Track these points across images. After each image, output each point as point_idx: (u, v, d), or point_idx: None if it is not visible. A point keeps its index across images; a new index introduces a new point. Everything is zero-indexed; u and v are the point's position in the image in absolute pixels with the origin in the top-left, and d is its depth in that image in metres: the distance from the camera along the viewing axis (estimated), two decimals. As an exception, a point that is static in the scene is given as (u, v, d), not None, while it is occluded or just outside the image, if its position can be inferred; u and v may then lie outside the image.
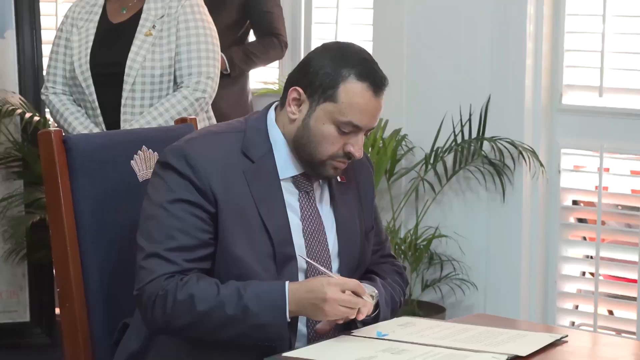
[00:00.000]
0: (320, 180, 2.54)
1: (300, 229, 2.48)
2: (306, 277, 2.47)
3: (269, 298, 2.32)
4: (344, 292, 2.30)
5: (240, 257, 2.39)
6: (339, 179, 2.58)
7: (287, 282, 2.34)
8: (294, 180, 2.50)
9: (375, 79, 2.42)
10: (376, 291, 2.51)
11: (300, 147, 2.45)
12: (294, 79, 2.48)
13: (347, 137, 2.43)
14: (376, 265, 2.68)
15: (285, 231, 2.44)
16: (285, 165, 2.48)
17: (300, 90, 2.45)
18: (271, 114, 2.51)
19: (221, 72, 4.52)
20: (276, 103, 2.53)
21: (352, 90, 2.41)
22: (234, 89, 4.66)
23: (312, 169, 2.47)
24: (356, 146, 2.43)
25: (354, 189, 2.61)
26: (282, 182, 2.48)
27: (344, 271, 2.54)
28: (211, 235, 2.39)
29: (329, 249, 2.51)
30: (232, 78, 4.64)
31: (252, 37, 4.82)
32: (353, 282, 2.34)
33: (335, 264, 2.54)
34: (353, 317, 2.33)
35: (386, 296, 2.57)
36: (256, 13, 4.69)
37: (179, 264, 2.34)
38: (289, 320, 2.32)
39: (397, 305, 2.63)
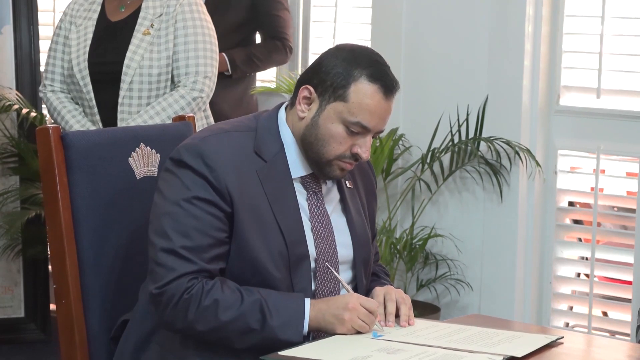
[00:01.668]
0: (329, 183, 2.56)
1: (310, 229, 2.49)
2: (315, 277, 2.48)
3: (288, 313, 2.35)
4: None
5: (255, 257, 2.40)
6: (348, 184, 2.60)
7: (307, 299, 2.38)
8: (302, 180, 2.51)
9: (386, 82, 2.44)
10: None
11: (307, 145, 2.46)
12: (305, 78, 2.48)
13: (355, 138, 2.44)
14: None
15: (298, 231, 2.45)
16: (295, 165, 2.50)
17: (311, 89, 2.45)
18: (282, 113, 2.52)
19: (222, 73, 4.55)
20: (286, 103, 2.54)
21: (363, 91, 2.42)
22: (237, 90, 4.64)
23: (318, 168, 2.48)
24: (364, 147, 2.44)
25: (357, 197, 2.63)
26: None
27: (361, 277, 2.58)
28: (227, 234, 2.39)
29: (337, 251, 2.52)
30: (234, 79, 4.63)
31: (258, 38, 4.82)
32: (374, 301, 2.40)
33: (348, 272, 2.57)
34: (365, 331, 2.37)
35: None
36: (263, 16, 4.68)
37: (198, 263, 2.35)
38: (305, 334, 2.36)
39: None
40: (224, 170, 2.39)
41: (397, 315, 2.49)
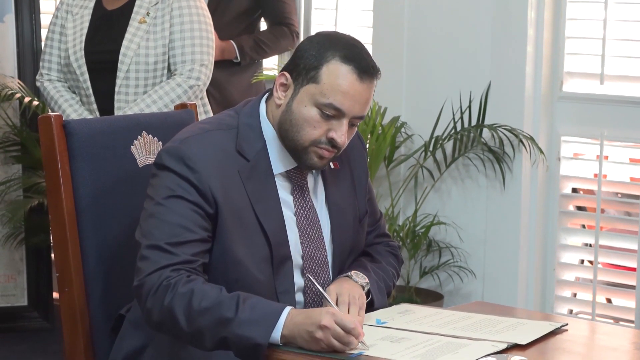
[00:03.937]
0: (314, 171, 2.51)
1: (295, 223, 2.46)
2: (303, 273, 2.46)
3: (262, 313, 2.24)
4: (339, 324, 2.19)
5: (239, 260, 2.37)
6: (332, 166, 2.54)
7: (289, 307, 2.25)
8: (287, 174, 2.47)
9: (361, 63, 2.37)
10: (367, 280, 2.51)
11: (284, 132, 2.41)
12: (284, 66, 2.45)
13: (330, 122, 2.37)
14: (371, 247, 2.67)
15: (281, 231, 2.42)
16: (279, 160, 2.45)
17: (287, 75, 2.42)
18: (262, 108, 2.48)
19: (231, 60, 4.57)
20: (267, 94, 2.50)
21: (335, 71, 2.36)
22: (245, 77, 4.65)
23: (296, 156, 2.42)
24: (339, 132, 2.37)
25: (347, 173, 2.58)
26: (275, 177, 2.45)
27: (336, 258, 2.53)
28: (209, 233, 2.36)
29: (324, 243, 2.49)
30: (243, 66, 4.64)
31: (263, 25, 4.81)
32: (350, 320, 2.21)
33: (328, 252, 2.52)
34: (342, 351, 2.20)
35: (379, 282, 2.56)
36: (268, 2, 4.68)
37: (181, 255, 2.31)
38: (274, 340, 2.22)
39: (390, 289, 2.62)
40: (207, 172, 2.35)
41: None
